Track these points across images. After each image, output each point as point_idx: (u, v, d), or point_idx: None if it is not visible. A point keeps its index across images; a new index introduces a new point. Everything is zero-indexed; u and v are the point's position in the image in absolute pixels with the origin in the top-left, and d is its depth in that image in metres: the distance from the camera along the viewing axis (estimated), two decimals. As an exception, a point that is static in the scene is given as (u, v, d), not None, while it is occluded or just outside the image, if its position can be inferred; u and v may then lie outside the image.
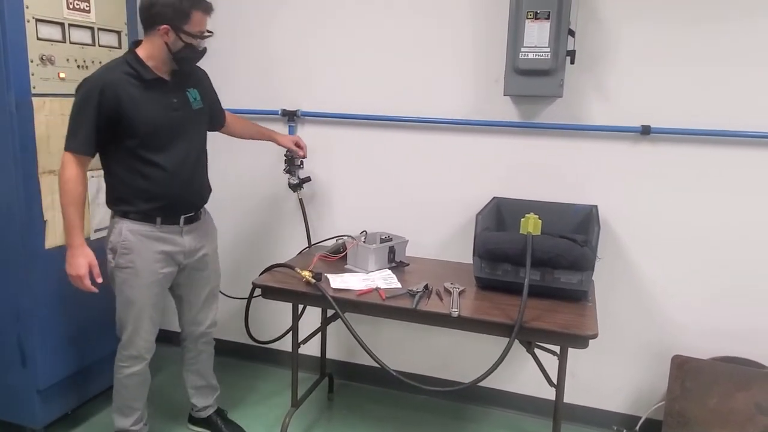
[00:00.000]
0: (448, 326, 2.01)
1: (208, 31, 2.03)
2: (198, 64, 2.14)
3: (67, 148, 1.91)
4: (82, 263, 1.94)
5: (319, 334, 2.62)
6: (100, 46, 2.38)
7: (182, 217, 2.10)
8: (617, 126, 2.37)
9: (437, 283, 2.21)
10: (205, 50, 2.08)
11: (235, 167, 2.94)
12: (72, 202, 1.91)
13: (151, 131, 1.97)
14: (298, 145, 2.57)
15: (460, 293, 2.11)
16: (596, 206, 2.38)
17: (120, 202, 2.04)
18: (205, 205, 2.25)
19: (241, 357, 3.11)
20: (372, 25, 2.61)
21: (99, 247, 2.30)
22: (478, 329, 1.99)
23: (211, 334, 2.40)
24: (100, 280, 2.00)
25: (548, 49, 2.21)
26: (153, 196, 2.01)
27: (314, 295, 2.12)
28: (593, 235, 2.06)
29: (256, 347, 2.93)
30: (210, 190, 2.27)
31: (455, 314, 1.95)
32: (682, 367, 2.33)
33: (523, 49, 2.24)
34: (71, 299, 2.32)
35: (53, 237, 2.23)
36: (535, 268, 2.02)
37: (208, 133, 2.26)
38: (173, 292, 2.27)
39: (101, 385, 2.60)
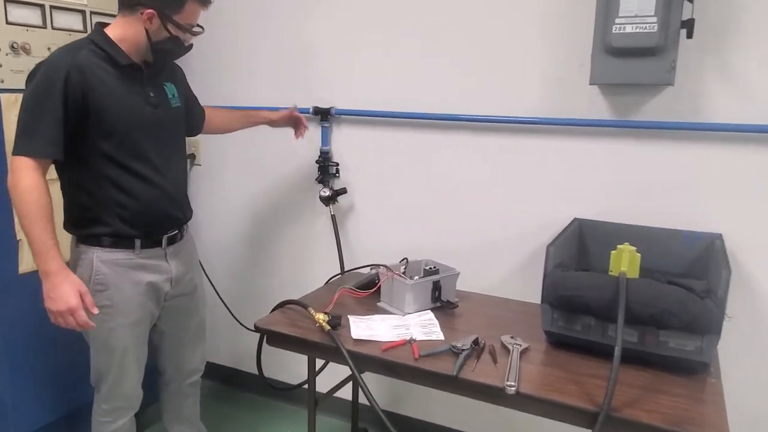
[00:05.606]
0: (501, 404, 1.48)
1: (199, 26, 1.73)
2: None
3: (22, 152, 1.52)
4: (69, 292, 1.53)
5: (351, 381, 2.16)
6: (93, 32, 2.08)
7: (165, 237, 1.76)
8: (753, 125, 1.81)
9: (493, 334, 1.69)
10: (190, 47, 1.76)
11: (255, 176, 2.65)
12: (38, 217, 1.51)
13: (129, 129, 1.65)
14: (294, 116, 2.21)
15: (522, 353, 1.59)
16: (721, 235, 1.83)
17: (88, 223, 1.67)
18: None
19: (261, 393, 2.79)
20: (420, 4, 2.20)
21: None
22: (543, 413, 1.45)
23: (199, 374, 2.08)
24: (95, 310, 1.59)
25: (654, 19, 1.71)
26: (133, 214, 1.68)
27: (328, 346, 1.66)
28: (719, 279, 1.50)
29: (278, 384, 2.59)
30: (191, 207, 1.94)
31: (512, 390, 1.42)
32: None
33: (618, 21, 1.76)
34: (51, 334, 2.00)
35: (29, 259, 1.92)
36: (632, 325, 1.49)
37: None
38: (154, 327, 1.93)
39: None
